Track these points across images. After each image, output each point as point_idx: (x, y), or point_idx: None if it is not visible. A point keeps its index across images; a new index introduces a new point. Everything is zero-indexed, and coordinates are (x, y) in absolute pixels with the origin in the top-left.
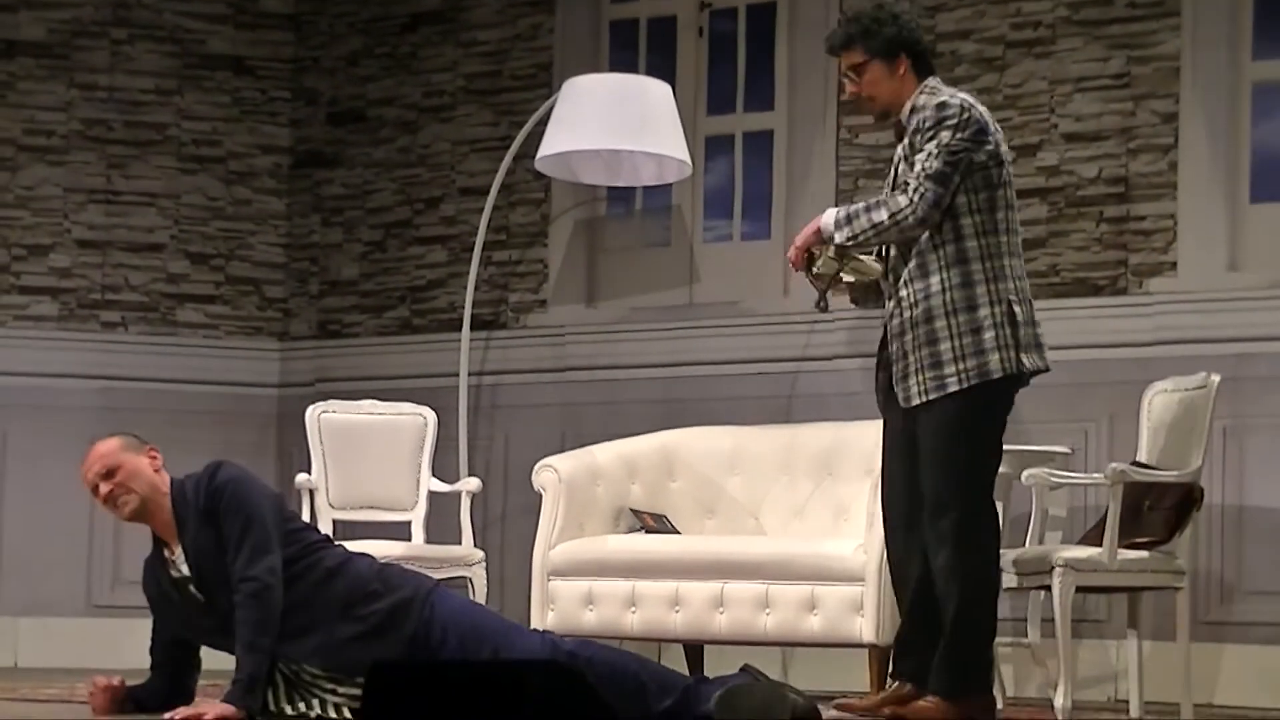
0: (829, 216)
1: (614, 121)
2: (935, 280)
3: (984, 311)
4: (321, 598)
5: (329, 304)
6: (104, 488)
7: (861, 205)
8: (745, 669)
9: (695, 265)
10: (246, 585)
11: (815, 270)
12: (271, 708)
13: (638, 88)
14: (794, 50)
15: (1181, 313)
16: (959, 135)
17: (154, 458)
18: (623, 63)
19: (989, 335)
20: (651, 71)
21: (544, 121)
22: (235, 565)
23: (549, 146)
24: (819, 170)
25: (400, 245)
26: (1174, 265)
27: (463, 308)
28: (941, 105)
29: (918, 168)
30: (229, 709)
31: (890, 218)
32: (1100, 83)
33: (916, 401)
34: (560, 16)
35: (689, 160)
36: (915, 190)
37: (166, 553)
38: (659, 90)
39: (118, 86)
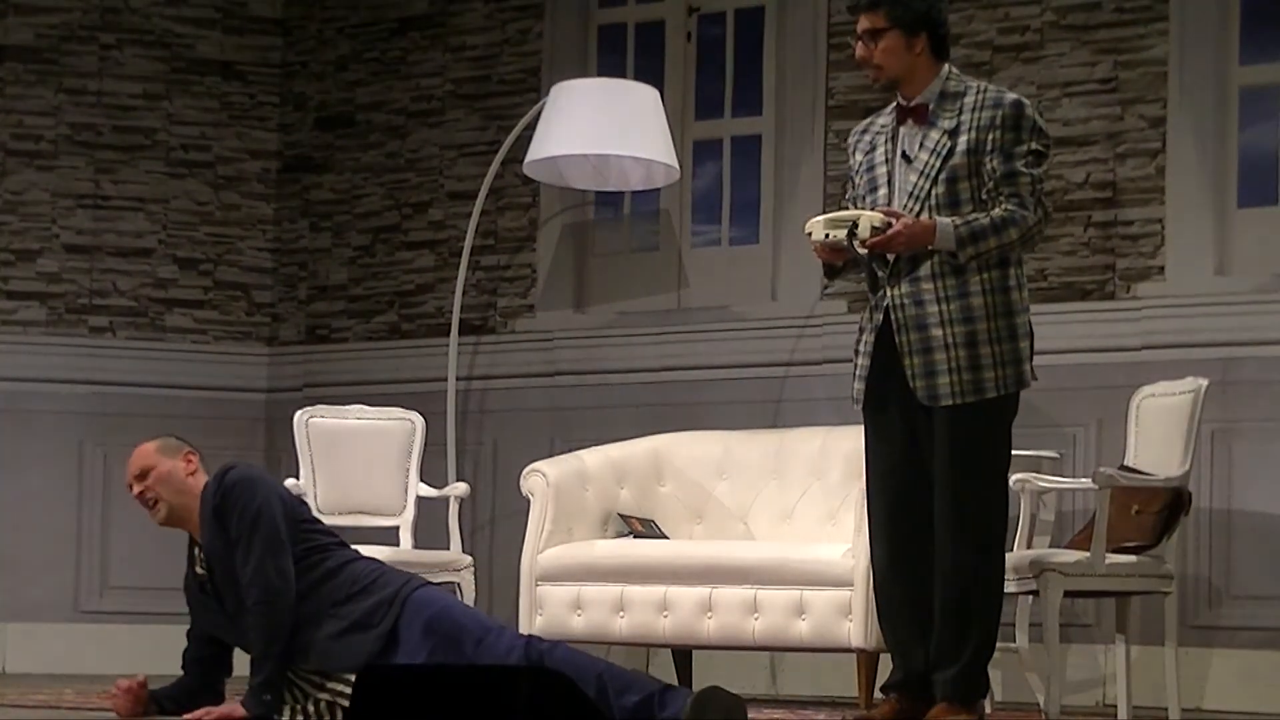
0: (944, 230)
1: (602, 126)
2: (973, 279)
3: (1020, 319)
4: (316, 596)
5: (317, 309)
6: (136, 488)
7: (986, 223)
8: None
9: (683, 270)
10: (253, 592)
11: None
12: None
13: (626, 92)
14: (782, 55)
15: (1169, 317)
16: (1044, 140)
17: (190, 461)
18: (611, 67)
19: (1024, 345)
20: (640, 76)
21: (532, 126)
22: (243, 568)
23: (537, 151)
24: (807, 175)
25: (388, 250)
26: (1162, 270)
27: (451, 312)
28: (1019, 104)
29: (1025, 177)
30: (236, 709)
31: (1021, 237)
32: (1088, 87)
33: (947, 401)
34: (549, 21)
35: (677, 165)
36: (1037, 205)
37: (196, 551)
38: (647, 95)
39: (106, 91)
